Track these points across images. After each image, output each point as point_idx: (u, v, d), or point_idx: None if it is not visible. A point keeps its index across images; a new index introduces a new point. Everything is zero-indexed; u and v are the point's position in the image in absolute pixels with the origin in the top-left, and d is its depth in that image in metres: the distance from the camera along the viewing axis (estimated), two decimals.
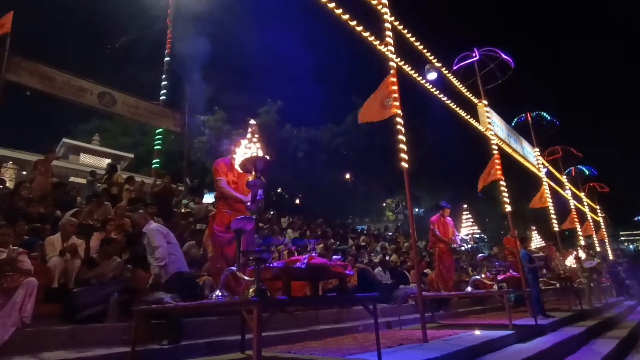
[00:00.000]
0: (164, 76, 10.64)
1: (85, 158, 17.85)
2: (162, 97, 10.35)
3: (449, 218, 7.40)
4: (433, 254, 7.40)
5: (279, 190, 30.31)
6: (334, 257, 3.32)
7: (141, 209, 7.58)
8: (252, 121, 3.64)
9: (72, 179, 13.29)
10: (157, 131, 10.16)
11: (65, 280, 4.23)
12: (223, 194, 3.99)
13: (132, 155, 21.03)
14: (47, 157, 7.88)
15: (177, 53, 13.19)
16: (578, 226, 13.22)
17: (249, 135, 3.45)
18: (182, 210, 8.23)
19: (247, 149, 3.01)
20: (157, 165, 10.44)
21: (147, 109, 9.61)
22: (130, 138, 26.11)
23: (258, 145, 3.19)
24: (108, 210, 6.46)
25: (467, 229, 7.11)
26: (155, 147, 10.26)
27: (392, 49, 5.21)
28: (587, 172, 16.36)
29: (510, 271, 6.81)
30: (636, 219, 50.37)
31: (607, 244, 18.12)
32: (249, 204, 2.76)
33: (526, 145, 10.57)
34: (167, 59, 10.78)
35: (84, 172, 13.22)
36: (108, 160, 14.13)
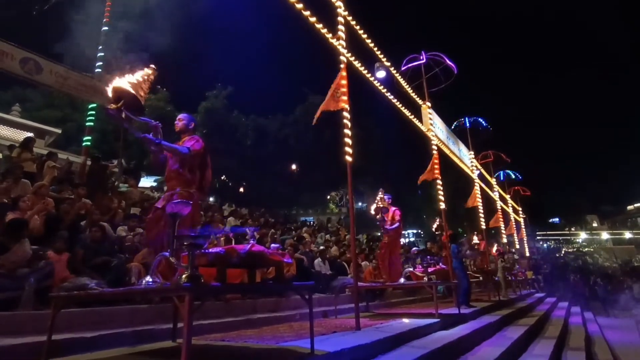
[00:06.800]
0: (100, 47, 9.73)
1: (1, 130, 15.93)
2: (98, 70, 9.47)
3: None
4: (380, 244, 7.61)
5: (223, 177, 29.53)
6: (272, 245, 3.31)
7: (69, 189, 6.98)
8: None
9: None
10: (90, 106, 9.29)
11: None
12: None
13: (59, 131, 19.09)
14: None
15: (117, 25, 12.18)
16: (502, 225, 14.51)
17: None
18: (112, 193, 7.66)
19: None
20: (89, 144, 9.55)
21: (78, 81, 8.69)
22: (57, 111, 23.69)
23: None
24: (26, 188, 5.84)
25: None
26: (87, 124, 9.35)
27: (344, 43, 5.27)
28: (513, 177, 17.94)
29: (440, 264, 7.29)
30: (550, 220, 56.55)
31: (525, 242, 20.08)
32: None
33: (462, 147, 11.31)
34: (105, 28, 9.85)
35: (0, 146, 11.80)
36: (30, 134, 12.74)
